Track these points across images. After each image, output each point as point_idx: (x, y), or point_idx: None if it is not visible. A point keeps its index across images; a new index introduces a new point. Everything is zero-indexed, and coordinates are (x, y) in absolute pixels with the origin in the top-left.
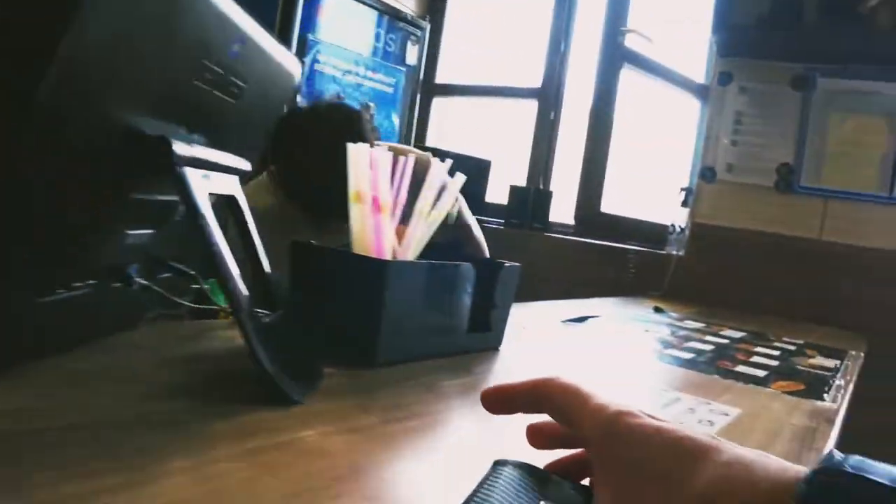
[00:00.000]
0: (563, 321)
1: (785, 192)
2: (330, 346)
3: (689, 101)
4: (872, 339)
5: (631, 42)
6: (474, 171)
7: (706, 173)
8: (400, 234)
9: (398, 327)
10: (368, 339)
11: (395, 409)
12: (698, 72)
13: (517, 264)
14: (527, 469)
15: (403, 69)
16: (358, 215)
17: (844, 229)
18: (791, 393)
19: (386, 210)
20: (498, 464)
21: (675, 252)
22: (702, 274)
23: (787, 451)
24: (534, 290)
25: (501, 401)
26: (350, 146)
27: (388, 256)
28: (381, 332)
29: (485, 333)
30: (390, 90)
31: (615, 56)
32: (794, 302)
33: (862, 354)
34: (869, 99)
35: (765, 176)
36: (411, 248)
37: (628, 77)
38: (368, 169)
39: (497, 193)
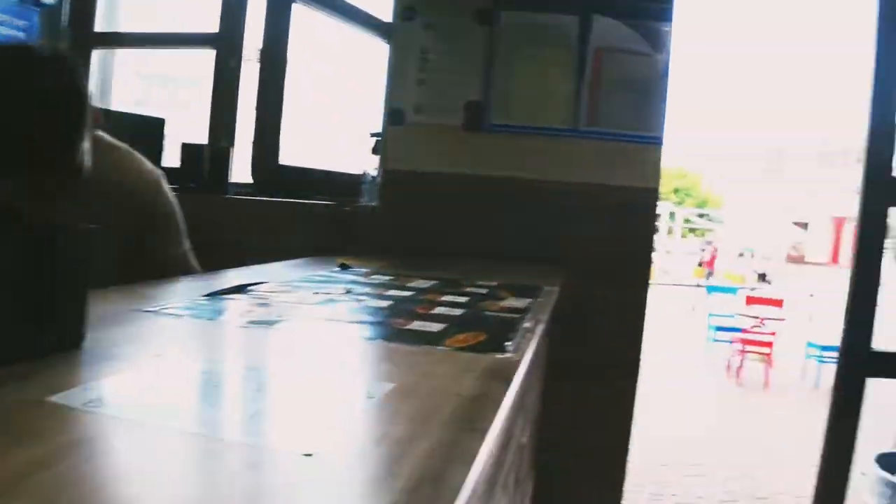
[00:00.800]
0: (206, 295)
1: (476, 131)
2: None
3: (377, 42)
4: (571, 271)
5: None
6: (146, 131)
7: (394, 116)
8: None
9: None
10: None
11: None
12: (386, 9)
13: (93, 227)
14: None
15: (38, 9)
16: None
17: (537, 165)
18: (467, 348)
19: None
20: None
21: (368, 203)
22: (398, 223)
23: (439, 439)
24: (217, 261)
25: None
26: None
27: None
28: None
29: (46, 330)
30: (22, 35)
31: None
32: (494, 243)
33: (557, 289)
34: (552, 32)
35: (455, 115)
36: None
37: (305, 15)
38: None
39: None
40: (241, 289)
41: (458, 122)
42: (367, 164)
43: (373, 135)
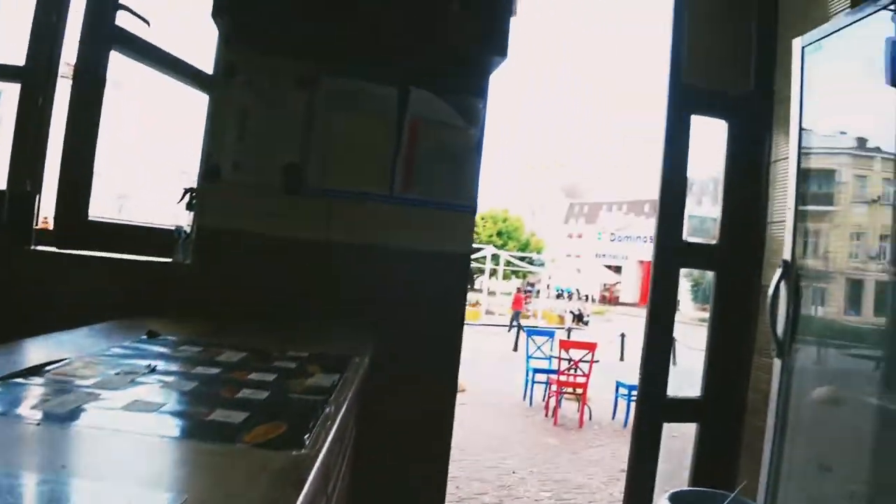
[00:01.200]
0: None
1: (292, 193)
2: None
3: (199, 95)
4: (385, 333)
5: (125, 21)
6: None
7: (210, 172)
8: None
9: None
10: None
11: None
12: (208, 62)
13: None
14: None
15: None
16: None
17: (353, 229)
18: (265, 443)
19: None
20: None
21: (181, 260)
22: (212, 285)
23: None
24: (17, 320)
25: None
26: None
27: None
28: None
29: None
30: None
31: (102, 35)
32: (308, 307)
33: (367, 360)
34: (371, 100)
35: (273, 175)
36: None
37: (123, 62)
38: None
39: None
40: (38, 369)
41: (275, 182)
42: (181, 219)
43: (188, 190)
